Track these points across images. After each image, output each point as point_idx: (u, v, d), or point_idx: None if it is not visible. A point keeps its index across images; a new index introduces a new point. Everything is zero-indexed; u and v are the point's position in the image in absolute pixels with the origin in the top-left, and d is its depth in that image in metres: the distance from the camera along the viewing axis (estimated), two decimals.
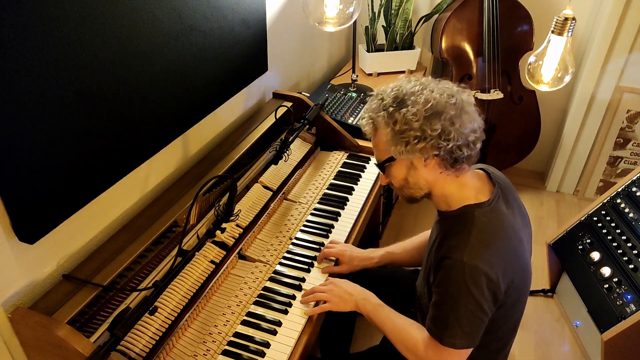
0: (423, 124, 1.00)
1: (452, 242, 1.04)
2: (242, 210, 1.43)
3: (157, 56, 1.17)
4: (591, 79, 2.55)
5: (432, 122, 1.00)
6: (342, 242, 1.46)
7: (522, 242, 1.11)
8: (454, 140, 1.00)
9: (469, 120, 1.02)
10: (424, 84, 1.06)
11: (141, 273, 1.18)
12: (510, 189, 1.18)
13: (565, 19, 1.60)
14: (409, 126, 1.01)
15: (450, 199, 1.10)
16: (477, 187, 1.10)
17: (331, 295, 1.22)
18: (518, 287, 1.08)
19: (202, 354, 1.11)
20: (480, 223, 1.04)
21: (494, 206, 1.07)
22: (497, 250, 1.02)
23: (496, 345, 1.16)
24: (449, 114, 1.00)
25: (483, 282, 0.98)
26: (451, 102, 1.01)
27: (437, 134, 1.00)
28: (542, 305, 2.21)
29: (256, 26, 1.60)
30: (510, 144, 2.74)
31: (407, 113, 1.01)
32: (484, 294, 0.99)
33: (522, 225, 1.15)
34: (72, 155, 1.00)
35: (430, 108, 1.00)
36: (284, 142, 1.61)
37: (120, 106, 1.10)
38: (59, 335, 0.93)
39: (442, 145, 1.00)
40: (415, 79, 1.09)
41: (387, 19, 2.53)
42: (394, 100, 1.05)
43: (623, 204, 1.93)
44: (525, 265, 1.12)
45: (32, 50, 0.85)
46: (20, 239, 0.97)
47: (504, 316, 1.10)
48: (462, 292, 0.99)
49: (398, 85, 1.08)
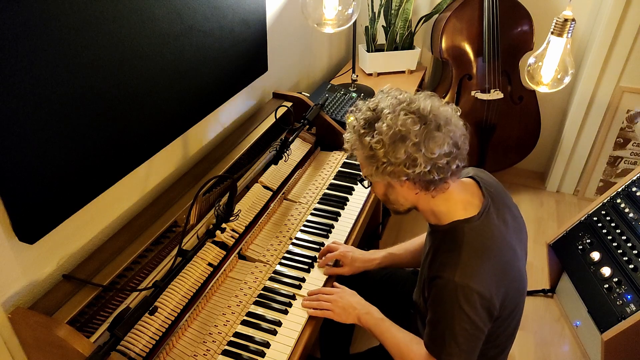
0: (387, 152, 0.99)
1: (443, 259, 1.04)
2: (242, 210, 1.43)
3: (157, 56, 1.17)
4: (591, 79, 2.56)
5: (396, 149, 0.98)
6: (342, 243, 1.46)
7: (515, 252, 1.10)
8: (421, 166, 0.98)
9: (438, 145, 0.98)
10: (394, 105, 1.02)
11: (141, 273, 1.18)
12: (501, 194, 1.16)
13: (565, 20, 1.60)
14: (374, 152, 1.01)
15: (438, 214, 1.09)
16: (465, 200, 1.09)
17: (334, 305, 1.22)
18: (513, 298, 1.08)
19: (202, 354, 1.11)
20: (470, 240, 1.03)
21: (483, 219, 1.06)
22: (489, 267, 1.02)
23: (495, 351, 1.16)
24: (412, 140, 0.98)
25: (476, 301, 0.98)
26: (415, 128, 0.98)
27: (401, 161, 0.99)
28: (542, 305, 2.21)
29: (256, 26, 1.60)
30: (510, 144, 2.74)
31: (372, 140, 1.01)
32: (477, 312, 0.99)
33: (514, 232, 1.13)
34: (72, 155, 1.00)
35: (394, 135, 0.98)
36: (284, 142, 1.61)
37: (120, 106, 1.10)
38: (59, 335, 0.93)
39: (409, 172, 0.99)
40: (392, 97, 1.05)
41: (387, 19, 2.53)
42: (364, 123, 1.04)
43: (623, 204, 1.93)
44: (519, 275, 1.11)
45: (32, 50, 0.85)
46: (20, 239, 0.97)
47: (500, 326, 1.10)
48: (456, 311, 0.99)
49: (374, 104, 1.06)
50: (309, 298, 1.26)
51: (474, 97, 2.57)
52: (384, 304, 1.48)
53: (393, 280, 1.50)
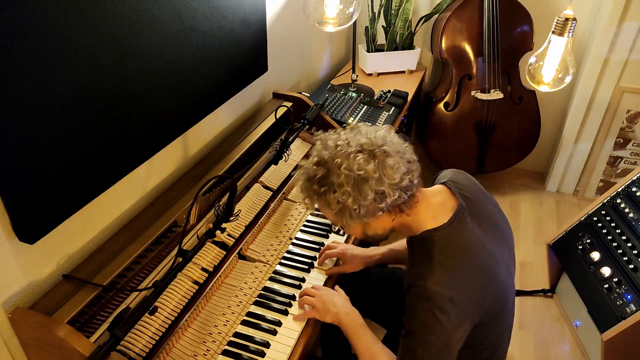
0: (355, 198, 0.99)
1: (416, 269, 1.05)
2: (242, 210, 1.43)
3: (157, 56, 1.17)
4: (591, 79, 2.56)
5: (362, 192, 0.99)
6: (342, 242, 1.46)
7: (493, 255, 1.10)
8: (390, 196, 1.00)
9: (395, 170, 0.99)
10: (336, 153, 1.02)
11: (141, 273, 1.17)
12: (479, 197, 1.16)
13: (565, 19, 1.60)
14: (342, 205, 1.01)
15: (411, 227, 1.10)
16: (435, 209, 1.09)
17: (318, 301, 1.21)
18: (492, 303, 1.07)
19: (202, 354, 1.11)
20: (440, 248, 1.04)
21: (455, 226, 1.07)
22: (462, 272, 1.02)
23: (486, 354, 1.15)
24: (373, 178, 0.98)
25: (448, 306, 0.99)
26: (371, 166, 0.99)
27: (370, 200, 0.99)
28: (542, 305, 2.21)
29: (256, 26, 1.60)
30: (510, 144, 2.74)
31: (337, 195, 1.01)
32: (450, 319, 0.99)
33: (492, 235, 1.13)
34: (72, 155, 1.00)
35: (355, 181, 0.99)
36: (284, 142, 1.61)
37: (120, 106, 1.10)
38: (59, 335, 0.93)
39: (382, 205, 1.00)
40: (326, 146, 1.04)
41: (387, 19, 2.53)
42: (319, 181, 1.03)
43: (623, 204, 1.93)
44: (498, 278, 1.10)
45: (32, 50, 0.85)
46: (20, 239, 0.97)
47: (484, 331, 1.09)
48: (429, 319, 0.99)
49: (318, 158, 1.04)
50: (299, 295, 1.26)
51: (474, 97, 2.57)
52: (383, 303, 1.48)
53: (393, 280, 1.50)
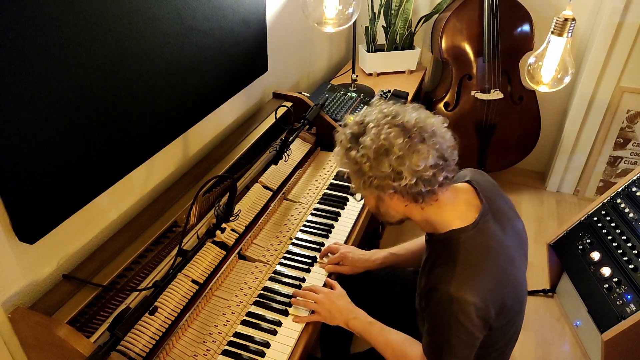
0: (372, 166, 1.00)
1: (439, 272, 1.04)
2: (242, 210, 1.43)
3: (157, 56, 1.17)
4: (591, 79, 2.55)
5: (380, 163, 0.99)
6: (343, 243, 1.46)
7: (513, 260, 1.09)
8: (406, 179, 0.98)
9: (422, 157, 0.98)
10: (379, 119, 1.02)
11: (141, 273, 1.17)
12: (498, 199, 1.15)
13: (565, 19, 1.60)
14: (360, 167, 1.01)
15: (433, 223, 1.09)
16: (461, 208, 1.08)
17: (321, 307, 1.22)
18: (511, 307, 1.07)
19: (202, 354, 1.11)
20: (465, 251, 1.03)
21: (480, 227, 1.06)
22: (485, 277, 1.02)
23: (495, 355, 1.16)
24: (395, 154, 0.98)
25: (472, 312, 0.99)
26: (398, 141, 0.98)
27: (386, 174, 0.99)
28: (542, 305, 2.21)
29: (256, 26, 1.60)
30: (511, 144, 2.74)
31: (357, 154, 1.01)
32: (474, 323, 1.00)
33: (512, 238, 1.13)
34: (72, 155, 1.00)
35: (377, 149, 0.99)
36: (284, 142, 1.61)
37: (121, 106, 1.10)
38: (59, 335, 0.93)
39: (395, 185, 1.00)
40: (378, 110, 1.05)
41: (387, 19, 2.53)
42: (351, 137, 1.05)
43: (623, 204, 1.93)
44: (516, 283, 1.10)
45: (31, 50, 0.85)
46: (20, 239, 0.97)
47: (499, 334, 1.10)
48: (452, 323, 1.00)
49: (361, 118, 1.06)
50: (298, 293, 1.26)
51: (474, 97, 2.57)
52: (384, 303, 1.48)
53: (394, 280, 1.50)
